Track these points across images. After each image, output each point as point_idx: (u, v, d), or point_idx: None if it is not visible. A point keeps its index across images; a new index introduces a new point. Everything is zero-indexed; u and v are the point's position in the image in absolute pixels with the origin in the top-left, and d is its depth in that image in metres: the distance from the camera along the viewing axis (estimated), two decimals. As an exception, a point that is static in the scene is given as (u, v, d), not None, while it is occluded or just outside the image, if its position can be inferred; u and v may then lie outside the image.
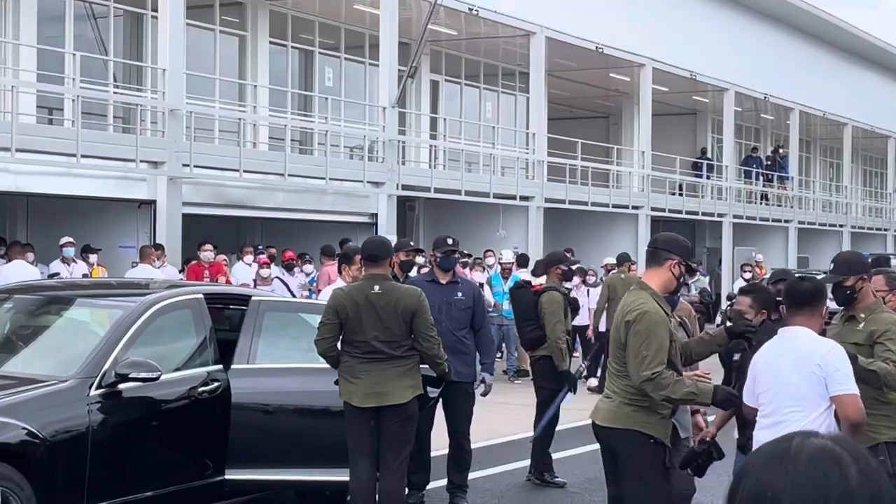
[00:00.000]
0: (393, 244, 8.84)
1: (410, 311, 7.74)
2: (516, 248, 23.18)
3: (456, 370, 8.78)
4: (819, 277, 7.06)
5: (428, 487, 9.55)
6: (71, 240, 16.67)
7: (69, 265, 16.37)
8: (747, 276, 25.57)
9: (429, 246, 23.23)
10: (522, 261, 19.44)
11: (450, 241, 9.75)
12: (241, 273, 18.59)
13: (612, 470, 6.49)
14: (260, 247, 20.10)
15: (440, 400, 9.14)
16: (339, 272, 9.40)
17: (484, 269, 21.21)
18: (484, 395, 9.58)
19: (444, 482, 9.61)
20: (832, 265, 7.06)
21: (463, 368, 9.31)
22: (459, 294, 9.56)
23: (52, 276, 15.68)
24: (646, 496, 6.23)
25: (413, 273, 10.37)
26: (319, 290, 14.75)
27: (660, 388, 6.06)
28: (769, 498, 1.64)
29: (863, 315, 6.79)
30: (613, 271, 19.60)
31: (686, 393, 6.11)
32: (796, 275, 8.31)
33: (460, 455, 9.52)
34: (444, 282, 9.62)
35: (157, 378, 7.46)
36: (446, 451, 9.62)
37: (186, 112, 19.01)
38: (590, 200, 28.36)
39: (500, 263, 19.77)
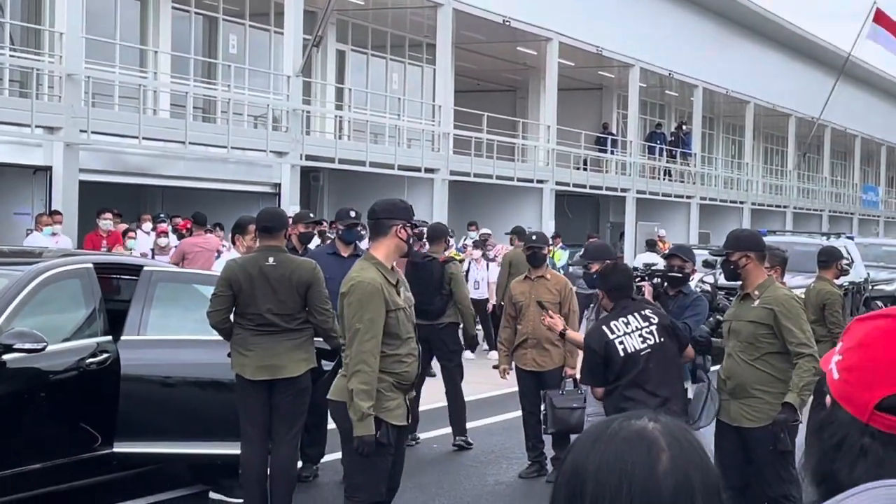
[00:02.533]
0: (294, 215, 8.76)
1: (305, 284, 7.64)
2: (424, 221, 23.11)
3: None
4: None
5: (322, 460, 9.50)
6: None
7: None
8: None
9: (332, 217, 23.12)
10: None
11: (352, 214, 9.80)
12: (141, 243, 18.27)
13: None
14: (162, 215, 19.78)
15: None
16: (233, 243, 9.27)
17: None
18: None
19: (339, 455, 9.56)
20: (725, 241, 7.19)
21: None
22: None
23: None
24: (358, 469, 6.30)
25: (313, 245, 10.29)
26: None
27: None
28: (577, 477, 1.63)
29: (756, 293, 6.87)
30: (511, 246, 19.62)
31: (357, 392, 6.12)
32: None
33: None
34: (345, 255, 9.65)
35: (42, 349, 7.29)
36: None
37: (85, 77, 18.61)
38: (495, 174, 28.41)
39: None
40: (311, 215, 10.63)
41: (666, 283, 8.10)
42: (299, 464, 8.28)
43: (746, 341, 6.83)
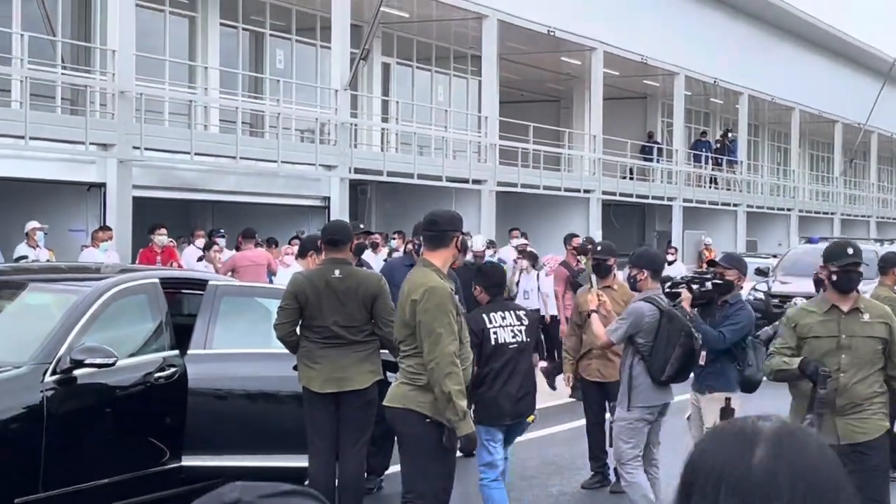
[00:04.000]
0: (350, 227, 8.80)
1: (371, 296, 7.66)
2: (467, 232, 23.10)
3: None
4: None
5: (388, 472, 9.53)
6: (39, 225, 16.36)
7: (35, 249, 16.11)
8: (670, 258, 25.63)
9: (383, 230, 23.15)
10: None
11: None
12: (192, 257, 18.40)
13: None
14: (222, 231, 19.86)
15: None
16: (303, 257, 9.31)
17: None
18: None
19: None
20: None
21: None
22: None
23: (18, 259, 15.43)
24: (420, 476, 6.32)
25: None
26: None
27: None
28: (686, 468, 1.72)
29: (862, 306, 6.82)
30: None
31: (455, 393, 6.21)
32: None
33: None
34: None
35: (112, 364, 7.34)
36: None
37: (136, 94, 18.78)
38: (541, 184, 28.39)
39: (472, 251, 19.65)
40: (361, 226, 10.65)
41: (712, 291, 8.05)
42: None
43: (865, 358, 6.73)
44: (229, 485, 1.53)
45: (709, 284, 7.98)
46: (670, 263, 24.66)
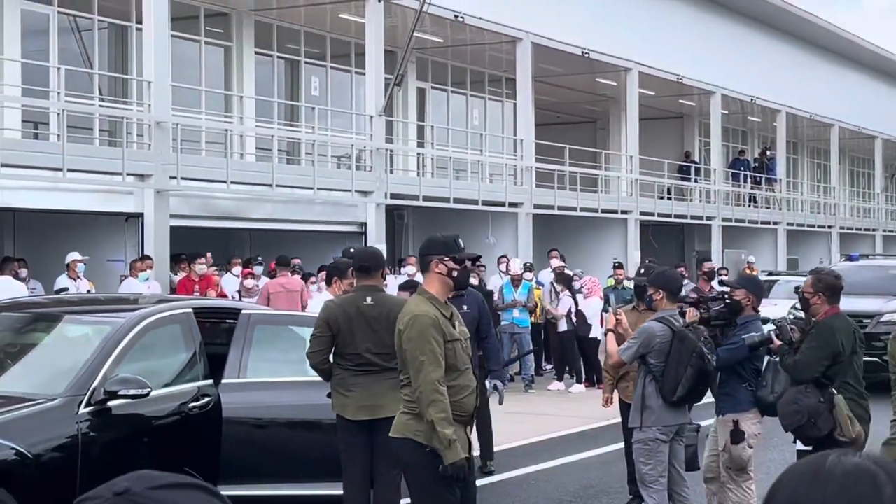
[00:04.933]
0: (383, 253, 8.83)
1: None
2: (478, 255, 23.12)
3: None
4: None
5: None
6: (80, 256, 16.50)
7: (75, 280, 16.24)
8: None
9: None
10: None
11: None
12: (231, 285, 18.48)
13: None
14: (259, 258, 19.93)
15: None
16: (329, 284, 9.32)
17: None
18: (500, 403, 9.63)
19: None
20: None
21: None
22: (465, 307, 9.72)
23: (59, 291, 15.56)
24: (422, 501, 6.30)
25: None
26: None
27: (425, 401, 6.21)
28: None
29: None
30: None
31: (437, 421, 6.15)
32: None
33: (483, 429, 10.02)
34: (449, 295, 9.67)
35: (146, 395, 7.37)
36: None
37: (172, 124, 18.91)
38: (578, 206, 28.32)
39: (510, 274, 19.66)
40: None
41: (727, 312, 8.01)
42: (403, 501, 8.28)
43: None
44: (126, 475, 1.52)
45: (718, 305, 7.94)
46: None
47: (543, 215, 27.38)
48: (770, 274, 29.09)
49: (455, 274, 6.53)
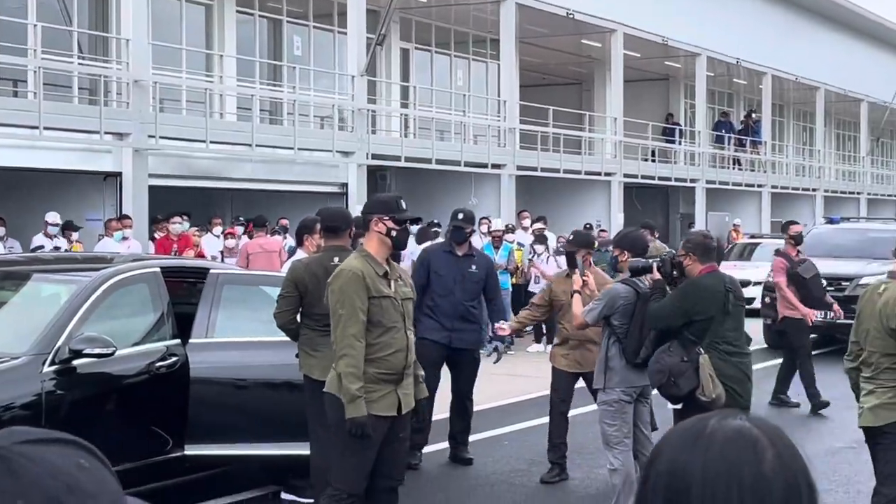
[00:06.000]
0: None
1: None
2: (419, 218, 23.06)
3: (463, 338, 9.74)
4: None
5: (428, 450, 9.83)
6: (57, 218, 16.45)
7: (51, 239, 16.21)
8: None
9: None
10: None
11: (460, 216, 10.10)
12: (211, 245, 18.43)
13: None
14: (241, 218, 19.88)
15: (446, 364, 9.88)
16: (300, 243, 9.28)
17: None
18: (496, 362, 9.80)
19: (443, 445, 10.06)
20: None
21: (471, 336, 9.95)
22: (473, 267, 9.93)
23: (35, 249, 15.52)
24: (338, 459, 6.38)
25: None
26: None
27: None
28: (679, 479, 1.58)
29: None
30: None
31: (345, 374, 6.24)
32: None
33: (463, 413, 10.02)
34: (460, 254, 9.93)
35: (112, 354, 7.34)
36: (446, 415, 10.11)
37: (152, 83, 18.79)
38: (562, 168, 28.26)
39: (490, 232, 19.63)
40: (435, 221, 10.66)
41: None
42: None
43: None
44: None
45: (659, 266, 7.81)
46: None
47: (526, 177, 27.33)
48: (752, 237, 29.12)
49: (394, 234, 6.52)
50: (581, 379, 9.36)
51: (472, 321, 9.94)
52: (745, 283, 23.85)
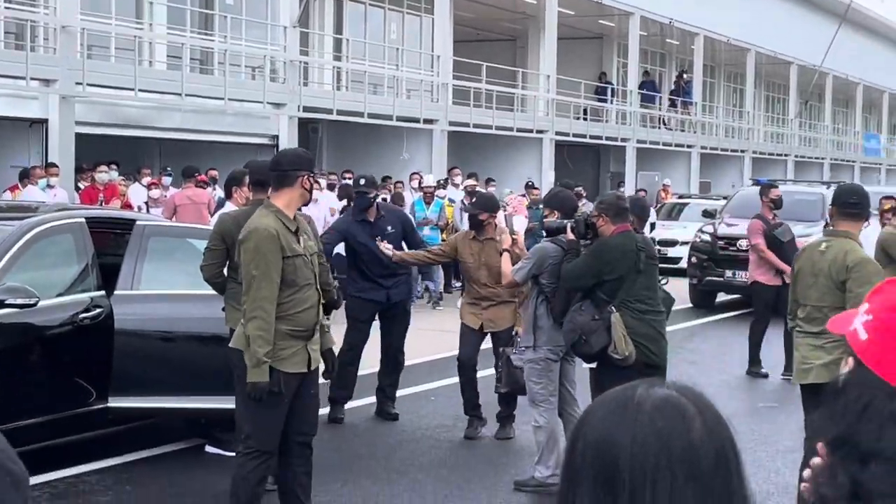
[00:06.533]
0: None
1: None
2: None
3: (399, 291, 9.85)
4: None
5: (353, 405, 9.89)
6: None
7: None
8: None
9: (335, 169, 22.98)
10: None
11: (362, 182, 10.05)
12: (138, 195, 18.22)
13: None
14: (168, 168, 19.65)
15: (379, 319, 9.95)
16: (229, 196, 9.19)
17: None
18: (434, 306, 9.79)
19: (369, 400, 10.15)
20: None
21: (400, 288, 10.03)
22: (389, 227, 9.89)
23: None
24: (248, 417, 6.34)
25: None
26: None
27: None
28: (608, 451, 1.59)
29: None
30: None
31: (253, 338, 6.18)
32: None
33: (395, 366, 10.07)
34: (371, 219, 9.89)
35: (34, 304, 7.25)
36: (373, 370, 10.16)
37: (80, 29, 18.46)
38: (494, 124, 28.26)
39: (422, 188, 19.60)
40: (362, 181, 10.50)
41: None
42: (327, 409, 8.37)
43: None
44: None
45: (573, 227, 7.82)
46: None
47: (459, 133, 27.30)
48: (681, 197, 29.38)
49: (311, 191, 6.62)
50: (490, 338, 9.40)
51: (399, 275, 10.02)
52: (673, 243, 24.29)
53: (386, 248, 9.33)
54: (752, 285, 13.26)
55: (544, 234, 8.41)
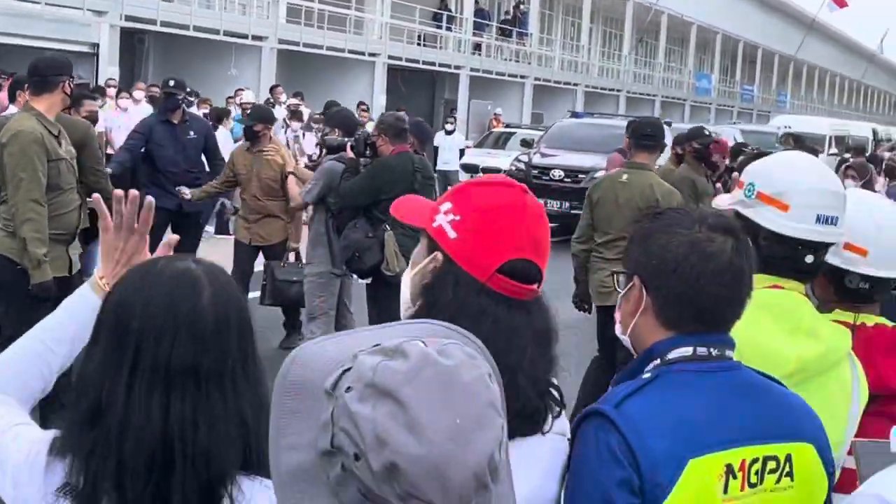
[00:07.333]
0: (116, 77, 8.65)
1: (77, 144, 7.41)
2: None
3: (191, 202, 9.63)
4: None
5: None
6: None
7: None
8: (449, 127, 25.41)
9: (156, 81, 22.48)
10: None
11: (171, 83, 10.16)
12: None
13: None
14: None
15: (170, 230, 9.55)
16: (12, 100, 8.92)
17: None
18: (227, 220, 9.85)
19: None
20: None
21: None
22: (192, 133, 9.98)
23: None
24: (11, 321, 6.29)
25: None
26: None
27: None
28: (124, 312, 1.86)
29: None
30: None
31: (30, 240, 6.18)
32: None
33: None
34: (176, 121, 9.92)
35: None
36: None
37: None
38: (325, 44, 27.98)
39: (241, 105, 19.30)
40: (171, 83, 10.32)
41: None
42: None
43: None
44: None
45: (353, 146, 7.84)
46: (449, 133, 24.88)
47: (291, 52, 26.97)
48: (508, 126, 29.65)
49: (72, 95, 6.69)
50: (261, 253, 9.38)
51: (198, 186, 9.85)
52: (497, 171, 24.54)
53: (185, 193, 9.41)
54: None
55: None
